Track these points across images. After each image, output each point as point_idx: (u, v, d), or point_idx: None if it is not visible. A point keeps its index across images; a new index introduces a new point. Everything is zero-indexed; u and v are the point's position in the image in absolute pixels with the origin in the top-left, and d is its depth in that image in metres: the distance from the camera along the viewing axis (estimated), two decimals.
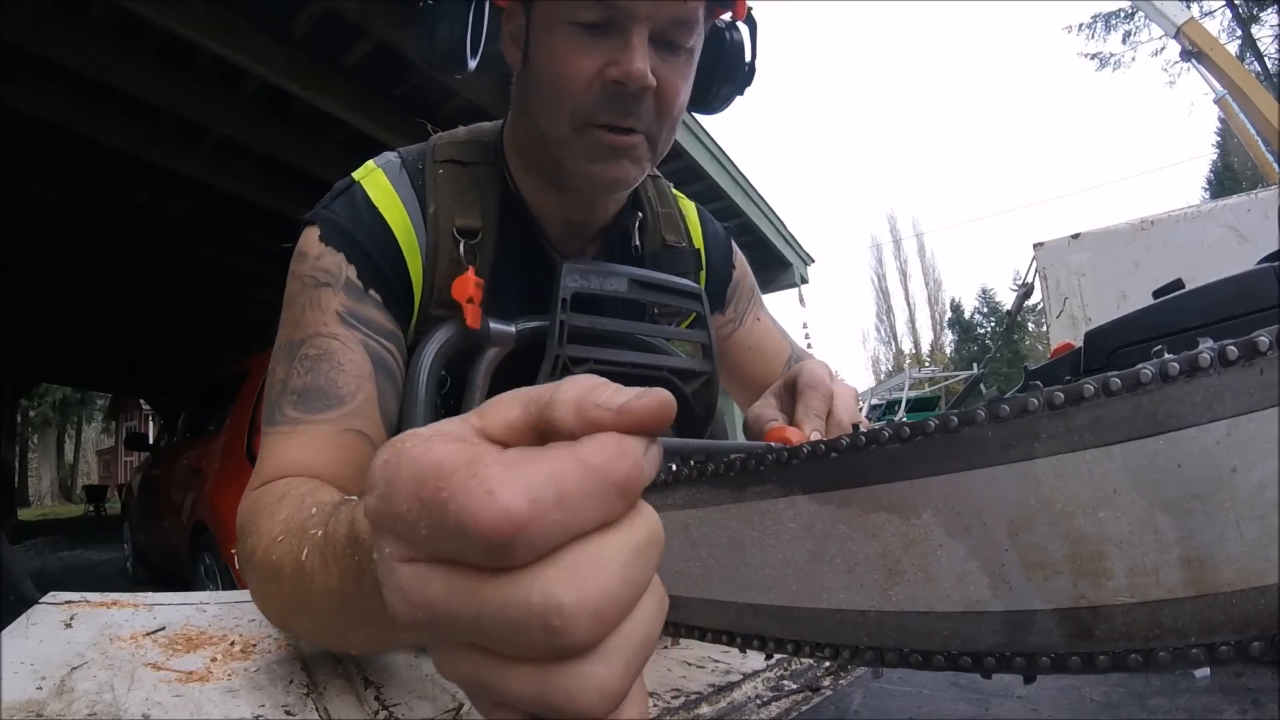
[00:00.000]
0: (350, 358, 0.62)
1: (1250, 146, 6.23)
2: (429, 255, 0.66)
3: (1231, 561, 0.26)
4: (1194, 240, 4.01)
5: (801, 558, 0.36)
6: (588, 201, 0.72)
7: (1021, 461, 0.29)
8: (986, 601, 0.30)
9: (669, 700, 0.51)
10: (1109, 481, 0.28)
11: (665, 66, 0.61)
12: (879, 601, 0.33)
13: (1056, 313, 4.41)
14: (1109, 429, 0.28)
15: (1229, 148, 24.51)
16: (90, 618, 0.64)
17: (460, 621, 0.21)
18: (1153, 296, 1.21)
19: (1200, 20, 6.82)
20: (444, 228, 0.67)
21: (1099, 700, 0.49)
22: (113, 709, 0.46)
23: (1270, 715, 0.44)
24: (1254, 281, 0.93)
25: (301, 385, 0.61)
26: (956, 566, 0.31)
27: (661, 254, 0.79)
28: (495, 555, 0.20)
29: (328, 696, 0.51)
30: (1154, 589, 0.27)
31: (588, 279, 0.59)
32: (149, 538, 5.09)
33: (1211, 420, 0.26)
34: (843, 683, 0.56)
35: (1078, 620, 0.29)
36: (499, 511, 0.20)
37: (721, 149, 5.65)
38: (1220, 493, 0.26)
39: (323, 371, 0.61)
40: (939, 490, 0.31)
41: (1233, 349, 0.26)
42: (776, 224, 6.85)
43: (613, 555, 0.21)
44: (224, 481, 3.51)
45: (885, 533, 0.33)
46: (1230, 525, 0.26)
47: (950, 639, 0.31)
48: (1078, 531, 0.28)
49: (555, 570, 0.20)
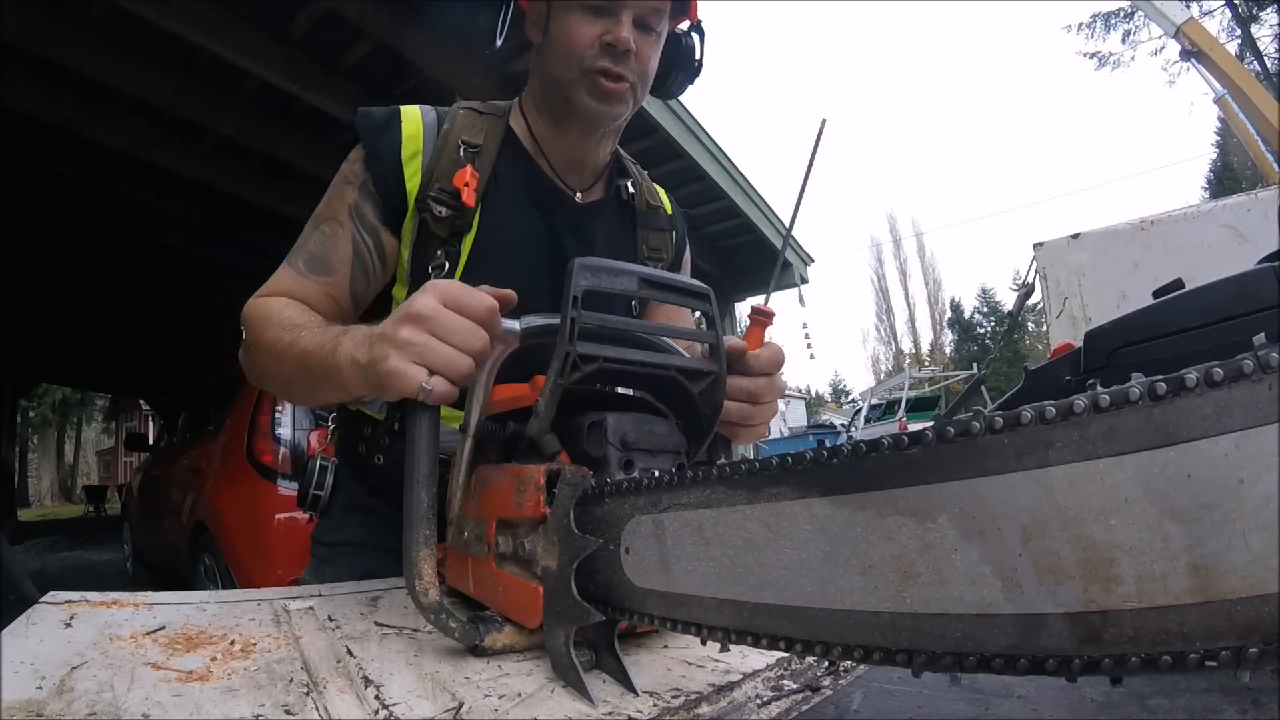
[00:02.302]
0: (343, 244, 0.88)
1: (1250, 146, 6.22)
2: (434, 156, 0.89)
3: (1237, 570, 0.27)
4: (1194, 240, 4.01)
5: (816, 559, 0.36)
6: (586, 139, 0.96)
7: (1036, 469, 0.30)
8: (999, 604, 0.31)
9: (669, 700, 0.51)
10: (1121, 490, 0.28)
11: (642, 40, 0.89)
12: (893, 603, 0.34)
13: (1056, 313, 4.41)
14: (1122, 439, 0.28)
15: (1229, 148, 24.50)
16: (90, 617, 0.64)
17: (416, 339, 0.58)
18: (1153, 296, 1.21)
19: (1200, 20, 6.81)
20: (452, 140, 0.91)
21: (1099, 700, 0.49)
22: (113, 708, 0.46)
23: (1270, 715, 0.44)
24: (1254, 281, 0.93)
25: (313, 249, 0.88)
26: (970, 570, 0.31)
27: (647, 212, 1.07)
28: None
29: (328, 696, 0.51)
30: (1162, 595, 0.28)
31: (599, 277, 0.59)
32: (149, 538, 5.09)
33: (1221, 433, 0.27)
34: (843, 683, 0.56)
35: (1087, 624, 0.29)
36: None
37: (721, 149, 5.65)
38: (1228, 503, 0.27)
39: (328, 247, 0.88)
40: (955, 495, 0.32)
41: (1247, 363, 0.26)
42: (777, 224, 6.84)
43: (458, 321, 0.59)
44: (224, 482, 3.51)
45: (901, 536, 0.34)
46: (1236, 535, 0.26)
47: (963, 640, 0.32)
48: (1089, 538, 0.29)
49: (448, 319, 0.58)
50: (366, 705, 0.49)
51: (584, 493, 0.53)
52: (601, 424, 0.60)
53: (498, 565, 0.60)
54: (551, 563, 0.54)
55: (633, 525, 0.49)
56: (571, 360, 0.57)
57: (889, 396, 18.19)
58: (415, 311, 0.59)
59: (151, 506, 4.94)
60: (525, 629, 0.58)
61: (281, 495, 3.18)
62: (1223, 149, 26.36)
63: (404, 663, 0.58)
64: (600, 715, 0.49)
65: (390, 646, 0.62)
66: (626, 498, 0.50)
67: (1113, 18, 21.25)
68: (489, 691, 0.52)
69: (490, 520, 0.62)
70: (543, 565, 0.55)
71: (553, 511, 0.54)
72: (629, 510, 0.49)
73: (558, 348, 0.57)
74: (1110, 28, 21.43)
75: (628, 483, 0.50)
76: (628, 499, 0.49)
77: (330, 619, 0.69)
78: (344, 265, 0.88)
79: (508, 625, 0.59)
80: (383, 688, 0.52)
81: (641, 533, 0.48)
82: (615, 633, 0.55)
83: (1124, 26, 21.07)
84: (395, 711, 0.48)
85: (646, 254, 1.06)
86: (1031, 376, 1.93)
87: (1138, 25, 20.30)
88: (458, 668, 0.57)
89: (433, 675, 0.55)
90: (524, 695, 0.51)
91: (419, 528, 0.58)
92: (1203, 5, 18.55)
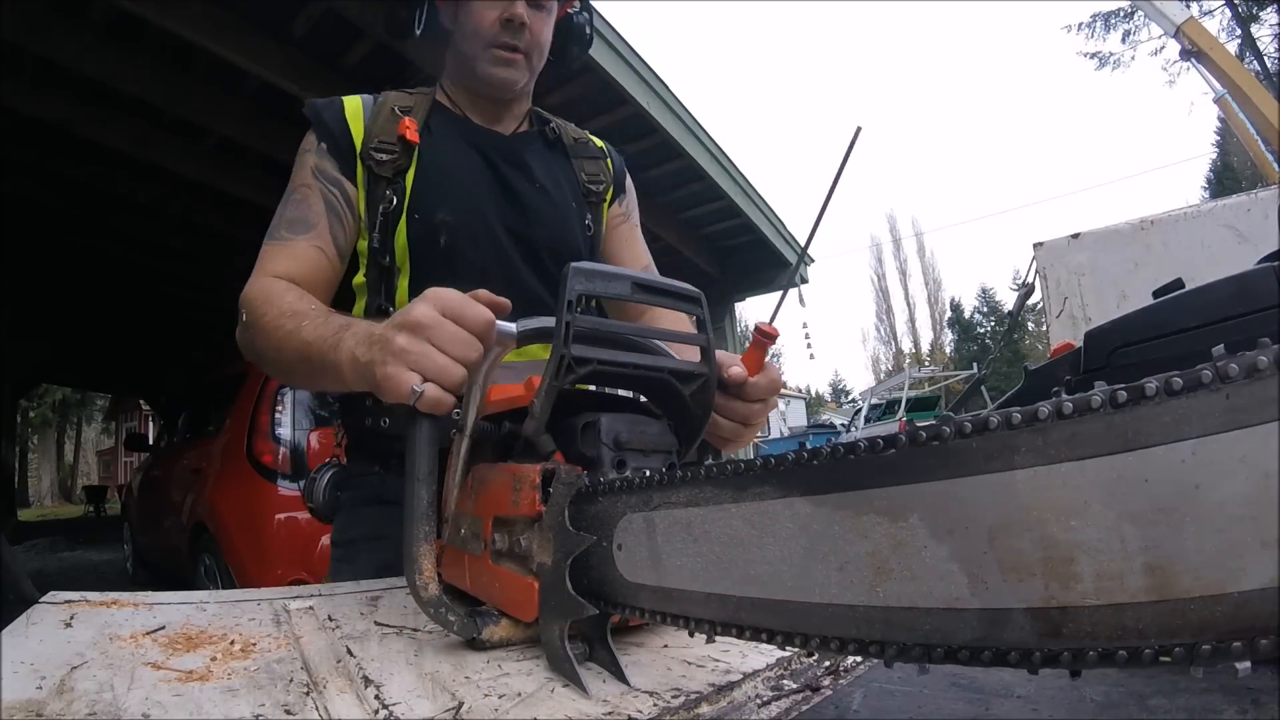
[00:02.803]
0: (316, 201, 0.97)
1: (1250, 146, 6.23)
2: (372, 118, 1.02)
3: (1191, 570, 0.28)
4: (1194, 240, 4.02)
5: (797, 555, 0.38)
6: (498, 104, 1.10)
7: (1003, 472, 0.32)
8: (965, 599, 0.33)
9: (669, 700, 0.51)
10: (1081, 493, 0.30)
11: (534, 15, 1.03)
12: (867, 597, 0.36)
13: (1056, 313, 4.42)
14: (1083, 444, 0.30)
15: (1229, 147, 24.51)
16: (90, 617, 0.64)
17: (412, 347, 0.59)
18: (1153, 296, 1.21)
19: (1200, 20, 6.82)
20: (386, 106, 1.03)
21: (1099, 700, 0.49)
22: (113, 708, 0.46)
23: (1270, 715, 0.44)
24: (1254, 281, 0.93)
25: (290, 215, 0.96)
26: (939, 566, 0.33)
27: (575, 145, 1.17)
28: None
29: (328, 696, 0.51)
30: (1119, 593, 0.29)
31: (593, 281, 0.60)
32: (149, 538, 5.09)
33: (1178, 440, 0.28)
34: (843, 683, 0.56)
35: (1048, 619, 0.31)
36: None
37: (721, 149, 5.65)
38: (1183, 507, 0.28)
39: (304, 208, 0.97)
40: (926, 496, 0.34)
41: (1206, 373, 0.28)
42: (776, 224, 6.84)
43: (454, 332, 0.59)
44: (224, 482, 3.51)
45: (875, 534, 0.35)
46: (1191, 537, 0.28)
47: (931, 633, 0.34)
48: (1051, 538, 0.30)
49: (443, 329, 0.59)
50: (366, 705, 0.49)
51: (578, 491, 0.54)
52: (595, 424, 0.61)
53: (494, 562, 0.61)
54: (547, 559, 0.55)
55: (625, 522, 0.50)
56: (566, 363, 0.58)
57: (889, 396, 18.18)
58: (414, 320, 0.60)
59: (151, 507, 4.95)
60: (521, 623, 0.60)
61: (281, 495, 3.18)
62: (1223, 149, 26.38)
63: (404, 662, 0.58)
64: (600, 715, 0.49)
65: (390, 646, 0.62)
66: (619, 496, 0.51)
67: (1113, 18, 21.27)
68: (489, 691, 0.52)
69: (487, 518, 0.62)
70: (538, 561, 0.56)
71: (548, 509, 0.55)
72: (621, 508, 0.50)
73: (553, 350, 0.58)
74: (1110, 28, 21.46)
75: (620, 482, 0.52)
76: (620, 497, 0.51)
77: (330, 619, 0.69)
78: (320, 218, 0.96)
79: (504, 619, 0.60)
80: (383, 687, 0.52)
81: (633, 530, 0.49)
82: (608, 626, 0.56)
83: (1124, 26, 21.10)
84: (395, 711, 0.48)
85: (585, 179, 1.15)
86: (1032, 376, 1.93)
87: (1138, 25, 20.32)
88: (458, 667, 0.57)
89: (433, 675, 0.55)
90: (524, 695, 0.52)
91: (419, 524, 0.60)
92: (1203, 5, 18.56)
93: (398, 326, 0.61)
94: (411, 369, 0.59)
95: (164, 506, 4.47)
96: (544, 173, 1.10)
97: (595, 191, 1.16)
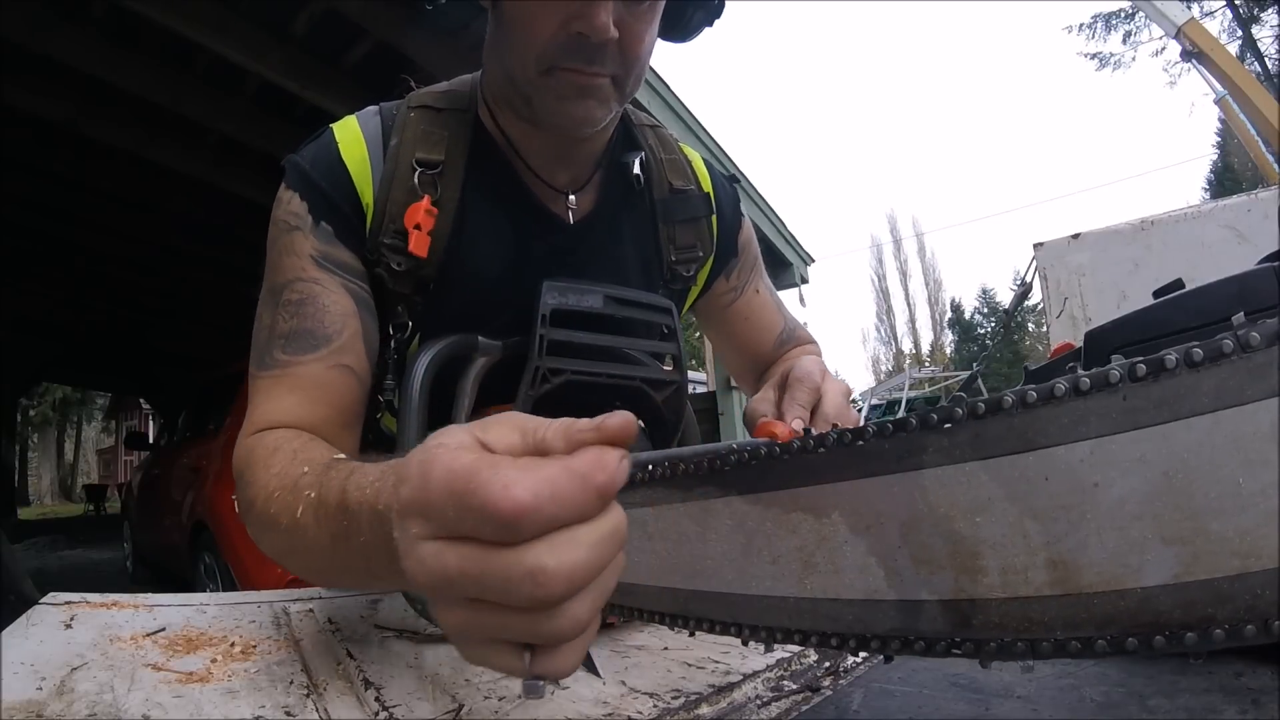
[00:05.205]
0: (333, 299, 0.66)
1: (1250, 146, 6.23)
2: (384, 185, 0.69)
3: (1093, 565, 0.29)
4: (1194, 240, 4.01)
5: (736, 550, 0.40)
6: (565, 138, 0.73)
7: (912, 471, 0.33)
8: (883, 591, 0.35)
9: (669, 700, 0.51)
10: (985, 490, 0.31)
11: (629, 15, 0.63)
12: (797, 589, 0.38)
13: (1056, 313, 4.41)
14: (987, 444, 0.31)
15: (1229, 148, 24.49)
16: (90, 618, 0.64)
17: (467, 582, 0.29)
18: (1153, 296, 1.21)
19: (1200, 20, 6.82)
20: (404, 160, 0.69)
21: (1099, 700, 0.49)
22: (113, 709, 0.46)
23: (1270, 715, 0.44)
24: (1254, 281, 0.93)
25: (288, 329, 0.65)
26: (859, 560, 0.35)
27: (671, 198, 0.81)
28: (503, 533, 0.28)
29: (328, 697, 0.51)
30: (1023, 586, 0.31)
31: (566, 296, 0.64)
32: (149, 537, 5.09)
33: (1077, 440, 0.29)
34: (843, 683, 0.56)
35: (959, 610, 0.32)
36: (511, 501, 0.28)
37: (722, 149, 5.65)
38: (1083, 504, 0.29)
39: (308, 314, 0.65)
40: (845, 494, 0.36)
41: (1098, 376, 0.29)
42: (776, 224, 6.84)
43: (585, 538, 0.29)
44: (224, 481, 3.50)
45: (802, 530, 0.37)
46: (1092, 533, 0.29)
47: (854, 623, 0.36)
48: (958, 533, 0.32)
49: (545, 545, 0.28)
50: (367, 707, 0.49)
51: None
52: None
53: None
54: None
55: None
56: (541, 374, 0.60)
57: (889, 397, 18.15)
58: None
59: (152, 505, 4.94)
60: None
61: None
62: (1223, 150, 26.36)
63: (404, 665, 0.58)
64: (600, 715, 0.49)
65: (390, 649, 0.62)
66: None
67: (1113, 18, 21.26)
68: (489, 693, 0.52)
69: None
70: None
71: None
72: None
73: (528, 362, 0.61)
74: (1111, 28, 21.44)
75: None
76: None
77: (330, 621, 0.69)
78: (346, 320, 0.66)
79: None
80: (383, 690, 0.52)
81: None
82: None
83: (1125, 27, 21.08)
84: (395, 714, 0.48)
85: (674, 256, 0.81)
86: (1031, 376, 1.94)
87: (1138, 26, 20.30)
88: (457, 670, 0.57)
89: (432, 677, 0.55)
90: (524, 697, 0.52)
91: None
92: (1203, 6, 18.55)
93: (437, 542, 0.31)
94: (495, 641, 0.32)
95: (164, 505, 4.46)
96: (611, 268, 0.77)
97: (684, 276, 0.83)
